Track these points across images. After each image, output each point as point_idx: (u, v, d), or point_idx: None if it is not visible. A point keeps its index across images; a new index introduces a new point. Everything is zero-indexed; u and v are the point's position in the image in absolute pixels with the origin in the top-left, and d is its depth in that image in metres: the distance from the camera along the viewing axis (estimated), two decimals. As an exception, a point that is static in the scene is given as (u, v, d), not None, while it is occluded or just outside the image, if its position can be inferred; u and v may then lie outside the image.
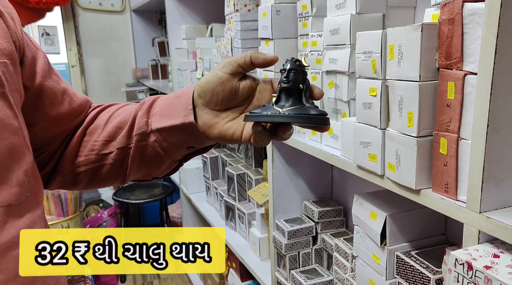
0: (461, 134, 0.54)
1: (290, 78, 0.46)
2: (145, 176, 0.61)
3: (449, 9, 0.53)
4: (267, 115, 0.45)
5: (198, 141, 0.53)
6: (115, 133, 0.57)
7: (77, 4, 2.74)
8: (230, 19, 1.41)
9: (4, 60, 0.45)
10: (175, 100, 0.53)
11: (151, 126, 0.54)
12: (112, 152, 0.57)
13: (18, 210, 0.44)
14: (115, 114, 0.59)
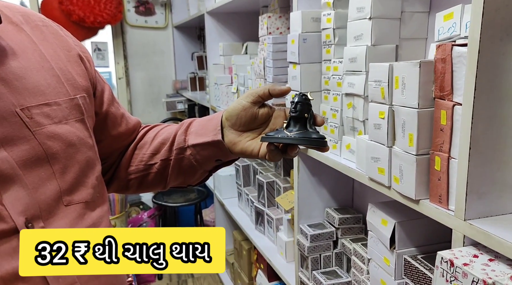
0: (451, 153, 0.65)
1: (297, 109, 0.58)
2: (182, 184, 0.76)
3: (442, 50, 0.64)
4: (278, 137, 0.58)
5: (225, 155, 0.67)
6: (159, 148, 0.72)
7: (126, 22, 2.99)
8: (263, 40, 1.56)
9: (83, 94, 0.60)
10: (207, 122, 0.68)
11: (187, 143, 0.68)
12: (157, 163, 0.72)
13: (92, 205, 0.59)
14: (159, 133, 0.74)
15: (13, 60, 0.53)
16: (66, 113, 0.56)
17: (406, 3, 0.89)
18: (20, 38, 0.56)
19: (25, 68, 0.54)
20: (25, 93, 0.52)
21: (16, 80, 0.52)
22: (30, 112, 0.52)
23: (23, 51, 0.55)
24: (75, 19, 2.61)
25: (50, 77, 0.56)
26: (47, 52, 0.58)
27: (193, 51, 3.14)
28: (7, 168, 0.48)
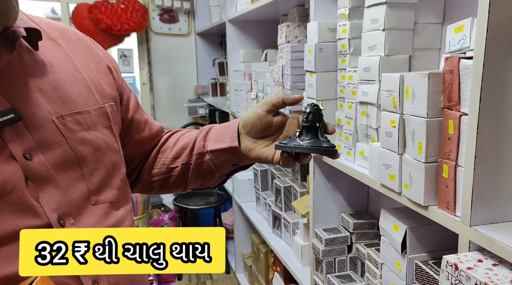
0: (458, 162, 0.67)
1: (309, 118, 0.62)
2: (201, 186, 0.81)
3: (450, 62, 0.67)
4: (291, 146, 0.62)
5: (241, 160, 0.72)
6: (180, 152, 0.77)
7: (150, 30, 3.10)
8: (282, 49, 1.60)
9: (111, 103, 0.66)
10: (225, 129, 0.72)
11: (206, 148, 0.73)
12: (178, 166, 0.77)
13: (116, 205, 0.65)
14: (180, 138, 0.80)
15: (50, 72, 0.59)
16: (95, 120, 0.62)
17: (420, 15, 0.92)
18: (56, 52, 0.62)
19: (60, 79, 0.60)
20: (60, 103, 0.58)
21: (53, 90, 0.58)
22: (64, 120, 0.58)
23: (59, 64, 0.61)
24: (103, 27, 2.73)
25: (82, 88, 0.62)
26: (79, 64, 0.64)
27: (214, 58, 3.22)
28: (43, 170, 0.54)
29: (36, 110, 0.55)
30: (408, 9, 0.90)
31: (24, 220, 0.50)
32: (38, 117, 0.55)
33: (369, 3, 0.94)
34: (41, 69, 0.58)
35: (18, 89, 0.54)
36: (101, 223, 0.60)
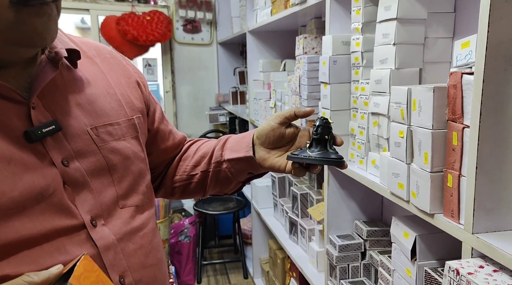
0: (462, 172, 0.70)
1: (318, 131, 0.67)
2: (219, 192, 0.87)
3: (454, 77, 0.71)
4: (301, 157, 0.67)
5: (255, 169, 0.77)
6: (200, 161, 0.83)
7: (174, 39, 3.22)
8: (299, 60, 1.65)
9: (139, 115, 0.73)
10: (241, 139, 0.78)
11: (224, 157, 0.79)
12: (197, 174, 0.84)
13: (141, 209, 0.71)
14: (200, 147, 0.86)
15: (87, 87, 0.66)
16: (124, 132, 0.69)
17: (430, 30, 0.95)
18: (93, 69, 0.69)
19: (95, 94, 0.67)
20: (94, 115, 0.65)
21: (89, 104, 0.65)
22: (97, 131, 0.64)
23: (95, 80, 0.68)
24: (129, 38, 2.85)
25: (114, 101, 0.69)
26: (112, 80, 0.71)
27: (235, 67, 3.30)
28: (79, 176, 0.60)
29: (73, 122, 0.62)
30: (418, 24, 0.94)
31: (63, 220, 0.56)
32: (75, 128, 0.62)
33: (380, 19, 0.98)
34: (79, 85, 0.65)
35: (59, 103, 0.61)
36: (128, 225, 0.66)
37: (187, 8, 3.17)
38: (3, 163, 0.52)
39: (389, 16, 0.94)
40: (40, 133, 0.56)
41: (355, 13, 1.10)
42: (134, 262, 0.64)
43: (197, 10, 3.20)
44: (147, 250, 0.68)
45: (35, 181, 0.54)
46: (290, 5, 1.60)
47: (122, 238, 0.63)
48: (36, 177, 0.55)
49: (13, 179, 0.52)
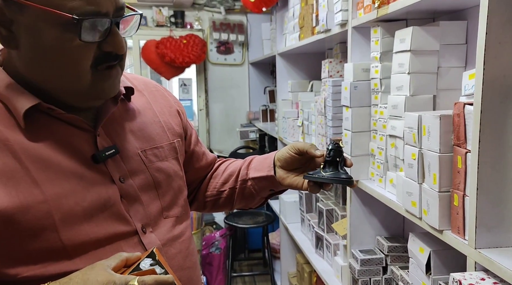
0: (466, 192, 0.77)
1: (331, 154, 0.77)
2: (244, 207, 0.99)
3: (457, 107, 0.79)
4: (316, 177, 0.77)
5: (276, 187, 0.88)
6: (228, 179, 0.96)
7: (208, 60, 3.41)
8: (325, 82, 1.75)
9: (178, 139, 0.86)
10: (264, 160, 0.89)
11: (248, 176, 0.90)
12: (226, 190, 0.96)
13: (180, 219, 0.83)
14: (228, 166, 0.98)
15: (137, 117, 0.80)
16: (167, 153, 0.81)
17: (443, 60, 1.03)
18: (142, 101, 0.83)
19: (144, 122, 0.80)
20: (143, 140, 0.78)
21: (139, 131, 0.78)
22: (146, 153, 0.77)
23: (143, 110, 0.82)
24: (167, 60, 3.07)
25: (158, 128, 0.82)
26: (157, 109, 0.85)
27: (265, 86, 3.43)
28: (132, 191, 0.73)
29: (128, 146, 0.75)
30: (431, 55, 1.02)
31: (120, 227, 0.69)
32: (129, 151, 0.75)
33: (396, 50, 1.07)
34: (132, 114, 0.79)
35: (117, 131, 0.74)
36: (170, 233, 0.78)
37: (221, 31, 3.37)
38: (77, 178, 0.66)
39: (404, 48, 1.03)
40: (103, 156, 0.69)
41: (374, 43, 1.19)
42: (174, 264, 0.76)
43: (230, 32, 3.38)
44: (185, 254, 0.80)
45: (100, 194, 0.68)
46: (316, 32, 1.71)
47: (166, 244, 0.75)
48: (100, 191, 0.68)
49: (84, 192, 0.66)
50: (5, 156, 0.62)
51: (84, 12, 0.59)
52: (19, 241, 0.62)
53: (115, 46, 0.64)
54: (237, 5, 3.36)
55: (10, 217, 0.60)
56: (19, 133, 0.64)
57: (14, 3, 0.60)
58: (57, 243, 0.63)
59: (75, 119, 0.68)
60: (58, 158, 0.65)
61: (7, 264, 0.62)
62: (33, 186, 0.62)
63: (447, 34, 1.02)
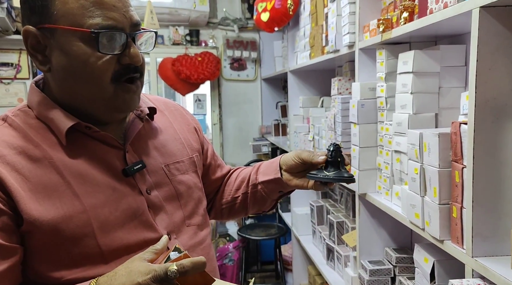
0: (463, 204, 0.83)
1: (332, 155, 0.85)
2: (258, 211, 1.06)
3: (454, 126, 0.86)
4: (320, 177, 0.85)
5: (284, 188, 0.96)
6: (240, 185, 1.04)
7: (222, 77, 3.52)
8: (334, 99, 1.83)
9: (196, 154, 0.94)
10: (270, 164, 0.98)
11: (258, 180, 0.98)
12: (239, 196, 1.03)
13: (201, 227, 0.91)
14: (239, 174, 1.06)
15: (160, 134, 0.89)
16: (187, 167, 0.90)
17: (444, 81, 1.10)
18: (163, 120, 0.92)
19: (166, 140, 0.89)
20: (166, 156, 0.87)
21: (162, 147, 0.87)
22: (169, 167, 0.86)
23: (165, 128, 0.91)
24: (183, 77, 3.19)
25: (179, 144, 0.91)
26: (177, 127, 0.94)
27: (277, 101, 3.53)
28: (158, 202, 0.81)
29: (152, 161, 0.84)
30: (432, 76, 1.09)
31: (149, 234, 0.77)
32: (154, 166, 0.83)
33: (400, 71, 1.15)
34: (155, 132, 0.88)
35: (142, 147, 0.83)
36: (192, 239, 0.86)
37: (234, 48, 3.49)
38: (110, 190, 0.75)
39: (407, 69, 1.10)
40: (132, 170, 0.78)
41: (379, 65, 1.27)
42: None
43: (243, 49, 3.50)
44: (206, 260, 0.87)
45: (130, 204, 0.76)
46: (326, 52, 1.80)
47: (189, 249, 0.83)
48: (130, 201, 0.76)
49: (116, 202, 0.75)
50: (50, 172, 0.71)
51: (101, 27, 0.68)
52: (63, 247, 0.70)
53: (132, 58, 0.72)
54: (250, 23, 3.48)
55: (55, 226, 0.69)
56: (61, 151, 0.73)
57: (46, 29, 0.69)
58: (96, 248, 0.72)
59: (107, 137, 0.77)
60: (94, 173, 0.74)
61: (53, 269, 0.70)
62: (74, 198, 0.71)
63: (447, 57, 1.09)
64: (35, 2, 0.69)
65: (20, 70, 2.90)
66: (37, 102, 0.75)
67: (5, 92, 2.92)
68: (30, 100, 0.77)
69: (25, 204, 0.68)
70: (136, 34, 0.73)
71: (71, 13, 0.68)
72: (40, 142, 0.72)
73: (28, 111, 0.76)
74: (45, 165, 0.71)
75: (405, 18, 1.08)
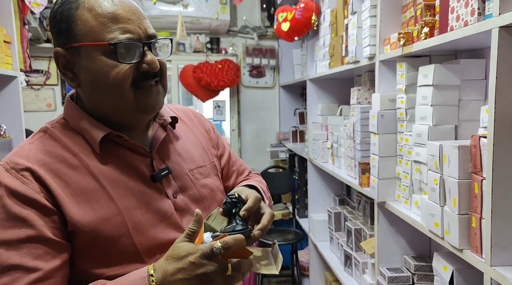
0: (483, 215, 0.86)
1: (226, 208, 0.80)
2: None
3: (474, 139, 0.89)
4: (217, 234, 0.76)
5: None
6: None
7: (241, 84, 3.59)
8: (353, 108, 1.87)
9: (216, 158, 0.99)
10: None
11: None
12: None
13: None
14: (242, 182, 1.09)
15: (182, 141, 0.94)
16: (209, 171, 0.95)
17: (464, 94, 1.13)
18: (184, 127, 0.98)
19: (188, 146, 0.95)
20: (189, 161, 0.92)
21: (185, 153, 0.93)
22: (193, 172, 0.91)
23: (186, 135, 0.96)
24: (203, 84, 3.27)
25: (200, 150, 0.96)
26: (197, 133, 0.99)
27: (295, 108, 3.57)
28: (183, 205, 0.87)
29: (177, 167, 0.89)
30: (452, 89, 1.12)
31: (177, 234, 0.83)
32: (179, 171, 0.89)
33: (420, 84, 1.18)
34: (178, 140, 0.94)
35: (167, 154, 0.89)
36: None
37: (253, 56, 3.56)
38: (140, 194, 0.81)
39: (427, 82, 1.14)
40: (160, 176, 0.84)
41: (399, 77, 1.31)
42: None
43: (262, 57, 3.56)
44: None
45: (159, 207, 0.82)
46: (346, 62, 1.84)
47: None
48: (159, 205, 0.82)
49: (147, 205, 0.81)
50: (88, 178, 0.77)
51: (120, 39, 0.75)
52: (103, 247, 0.76)
53: (149, 64, 0.78)
54: (269, 31, 3.55)
55: (95, 227, 0.75)
56: (95, 158, 0.79)
57: (73, 48, 0.77)
58: (132, 247, 0.78)
59: (136, 145, 0.83)
60: (125, 178, 0.80)
61: (94, 266, 0.77)
62: (110, 201, 0.77)
63: (467, 71, 1.12)
64: (60, 26, 0.77)
65: (49, 77, 3.03)
66: (72, 115, 0.83)
67: (34, 98, 3.05)
68: (66, 113, 0.84)
69: (68, 207, 0.74)
70: (152, 42, 0.80)
71: (91, 31, 0.75)
72: (77, 151, 0.79)
73: (64, 123, 0.83)
74: (83, 172, 0.77)
75: (425, 33, 1.11)
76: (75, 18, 0.75)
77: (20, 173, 0.73)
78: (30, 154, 0.76)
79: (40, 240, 0.70)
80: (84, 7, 0.75)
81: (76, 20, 0.75)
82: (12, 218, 0.70)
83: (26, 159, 0.75)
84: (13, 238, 0.69)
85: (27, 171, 0.73)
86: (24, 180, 0.72)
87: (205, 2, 3.19)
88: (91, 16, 0.75)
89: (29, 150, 0.77)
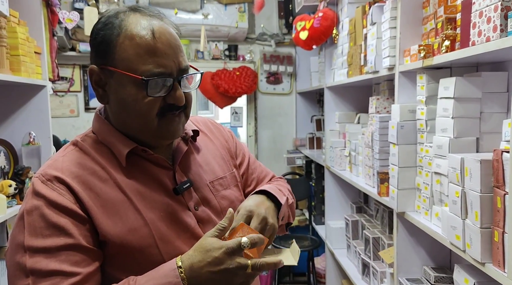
0: (506, 229, 0.87)
1: None
2: None
3: (496, 153, 0.89)
4: None
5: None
6: None
7: (258, 90, 3.63)
8: (372, 117, 1.87)
9: (235, 168, 1.01)
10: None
11: None
12: None
13: None
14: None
15: (202, 153, 0.97)
16: (229, 182, 0.98)
17: (485, 106, 1.14)
18: (204, 139, 1.01)
19: (208, 158, 0.97)
20: (210, 173, 0.95)
21: (206, 165, 0.95)
22: (213, 184, 0.94)
23: (206, 146, 0.99)
24: (221, 90, 3.32)
25: (220, 161, 0.99)
26: (217, 144, 1.02)
27: (312, 114, 3.58)
28: (205, 216, 0.90)
29: (198, 179, 0.92)
30: (473, 102, 1.13)
31: None
32: (200, 183, 0.92)
33: (441, 96, 1.19)
34: (198, 152, 0.96)
35: (189, 166, 0.92)
36: None
37: (271, 62, 3.59)
38: (164, 206, 0.84)
39: (448, 95, 1.15)
40: (182, 189, 0.87)
41: (419, 88, 1.32)
42: None
43: (280, 64, 3.59)
44: None
45: (182, 219, 0.85)
46: (364, 72, 1.85)
47: None
48: (182, 216, 0.85)
49: (171, 217, 0.84)
50: (115, 191, 0.81)
51: (152, 73, 0.78)
52: (131, 256, 0.80)
53: (176, 99, 0.81)
54: (287, 38, 3.57)
55: (124, 237, 0.79)
56: (121, 172, 0.83)
57: (107, 70, 0.81)
58: (159, 256, 0.81)
59: (159, 158, 0.86)
60: (149, 191, 0.84)
61: (123, 273, 0.80)
62: (137, 213, 0.81)
63: (489, 83, 1.12)
64: (99, 48, 0.82)
65: (73, 84, 3.13)
66: (101, 129, 0.87)
67: (59, 104, 3.15)
68: (95, 127, 0.88)
69: (99, 218, 0.78)
70: (183, 77, 0.83)
71: (127, 59, 0.79)
72: (105, 164, 0.83)
73: (93, 136, 0.87)
74: (111, 184, 0.81)
75: (446, 47, 1.12)
76: (114, 44, 0.79)
77: (56, 185, 0.77)
78: (63, 166, 0.80)
79: (77, 248, 0.74)
80: (126, 34, 0.79)
81: (115, 46, 0.79)
82: (51, 227, 0.74)
83: (60, 171, 0.79)
84: (52, 245, 0.73)
85: (62, 183, 0.78)
86: (60, 191, 0.77)
87: (224, 11, 3.24)
88: (130, 45, 0.78)
89: (62, 162, 0.82)
